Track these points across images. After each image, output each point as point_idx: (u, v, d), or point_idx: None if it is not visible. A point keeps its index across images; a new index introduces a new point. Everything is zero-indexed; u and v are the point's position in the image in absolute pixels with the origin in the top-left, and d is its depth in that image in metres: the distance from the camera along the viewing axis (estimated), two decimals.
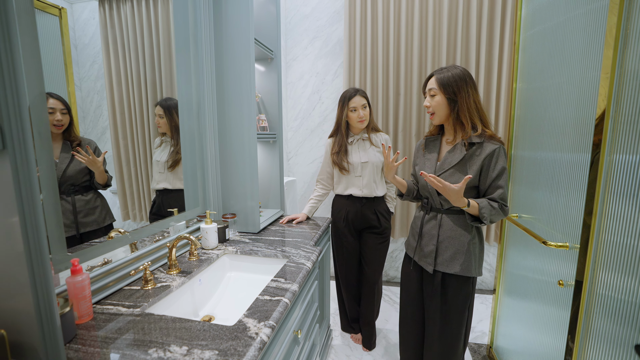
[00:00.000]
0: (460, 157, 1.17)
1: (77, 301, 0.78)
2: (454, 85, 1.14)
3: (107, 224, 1.05)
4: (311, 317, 1.24)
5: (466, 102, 1.15)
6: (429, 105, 1.21)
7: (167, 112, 1.28)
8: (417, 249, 1.32)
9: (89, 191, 0.98)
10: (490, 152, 1.15)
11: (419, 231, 1.32)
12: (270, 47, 1.76)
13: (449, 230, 1.23)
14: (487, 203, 1.16)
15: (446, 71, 1.17)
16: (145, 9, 1.19)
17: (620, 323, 0.89)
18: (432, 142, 1.32)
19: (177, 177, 1.34)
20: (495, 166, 1.15)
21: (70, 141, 0.92)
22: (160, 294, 0.98)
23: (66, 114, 0.90)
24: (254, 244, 1.42)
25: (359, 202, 1.77)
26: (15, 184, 0.54)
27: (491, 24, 2.24)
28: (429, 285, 1.30)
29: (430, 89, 1.20)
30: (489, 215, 1.14)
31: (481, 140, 1.16)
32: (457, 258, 1.22)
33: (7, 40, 0.51)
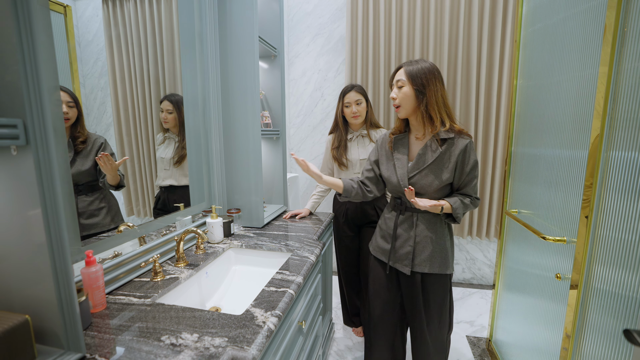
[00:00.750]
0: (436, 156, 1.15)
1: (92, 291, 0.82)
2: (423, 78, 1.12)
3: (115, 226, 1.02)
4: (315, 309, 1.28)
5: (434, 95, 1.13)
6: (395, 97, 1.17)
7: (176, 107, 1.30)
8: (391, 251, 1.27)
9: (94, 192, 0.95)
10: (463, 148, 1.14)
11: (392, 233, 1.27)
12: (274, 44, 1.78)
13: (425, 230, 1.22)
14: (460, 202, 1.17)
15: (415, 63, 1.14)
16: (148, 6, 1.20)
17: (615, 316, 0.92)
18: (400, 141, 1.26)
19: (183, 174, 1.36)
20: (469, 161, 1.16)
21: (74, 137, 0.89)
22: (170, 285, 1.01)
23: (73, 107, 0.88)
24: (258, 238, 1.45)
25: None
26: (38, 178, 0.56)
27: (492, 21, 2.25)
28: (408, 287, 1.27)
29: (398, 80, 1.16)
30: (462, 213, 1.17)
31: (452, 135, 1.15)
32: (434, 257, 1.21)
33: (29, 38, 0.54)
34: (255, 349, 0.70)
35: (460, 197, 1.18)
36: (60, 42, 0.89)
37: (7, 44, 0.52)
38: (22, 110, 0.54)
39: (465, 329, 2.10)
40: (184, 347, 0.70)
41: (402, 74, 1.15)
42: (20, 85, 0.53)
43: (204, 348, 0.70)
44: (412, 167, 1.19)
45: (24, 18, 0.53)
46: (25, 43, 0.53)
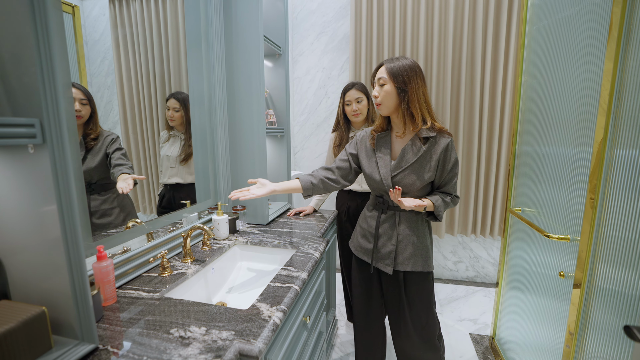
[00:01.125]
0: (419, 155, 1.14)
1: (103, 285, 0.84)
2: (404, 75, 1.10)
3: None
4: (319, 305, 1.30)
5: (416, 93, 1.11)
6: (377, 95, 1.16)
7: (182, 105, 1.31)
8: (374, 250, 1.26)
9: (107, 190, 0.94)
10: (445, 146, 1.14)
11: (374, 232, 1.26)
12: (278, 43, 1.79)
13: (406, 228, 1.21)
14: (442, 200, 1.18)
15: (397, 61, 1.13)
16: (154, 6, 1.21)
17: (618, 315, 0.93)
18: (383, 139, 1.24)
19: (189, 172, 1.38)
20: (450, 159, 1.16)
21: (86, 134, 0.89)
22: (177, 280, 1.04)
23: (86, 104, 0.89)
24: (263, 235, 1.47)
25: (359, 197, 1.82)
26: (54, 175, 0.59)
27: (497, 18, 2.24)
28: (391, 287, 1.27)
29: (379, 78, 1.14)
30: (443, 210, 1.18)
31: (434, 134, 1.14)
32: (417, 255, 1.21)
33: (45, 40, 0.56)
34: (262, 343, 0.72)
35: (442, 196, 1.19)
36: (69, 41, 0.90)
37: (26, 47, 0.54)
38: (39, 110, 0.56)
39: (468, 326, 2.11)
40: (193, 340, 0.72)
41: (383, 71, 1.14)
42: (38, 86, 0.55)
43: (211, 341, 0.72)
44: (395, 165, 1.18)
45: (41, 22, 0.55)
46: (42, 46, 0.55)
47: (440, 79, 2.37)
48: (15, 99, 0.57)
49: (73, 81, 0.89)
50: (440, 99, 2.38)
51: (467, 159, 2.45)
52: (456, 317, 2.21)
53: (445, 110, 2.37)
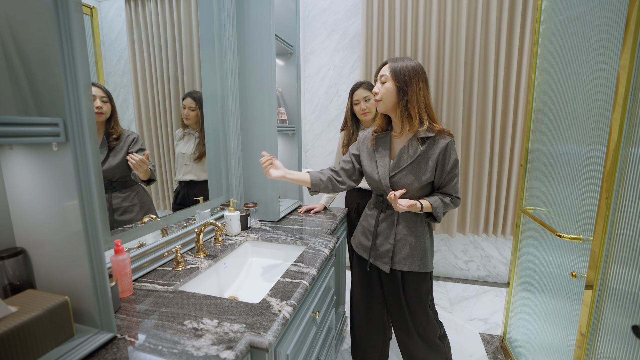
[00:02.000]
0: (417, 155, 1.15)
1: (120, 277, 0.88)
2: (406, 75, 1.12)
3: None
4: (328, 301, 1.31)
5: (416, 94, 1.12)
6: (377, 92, 1.17)
7: (198, 104, 1.34)
8: (372, 248, 1.28)
9: (127, 188, 0.98)
10: (443, 147, 1.14)
11: (373, 230, 1.28)
12: (290, 42, 1.81)
13: (405, 228, 1.22)
14: (440, 201, 1.17)
15: (401, 60, 1.14)
16: (168, 6, 1.24)
17: (631, 316, 0.91)
18: (383, 139, 1.26)
19: (203, 169, 1.41)
20: (449, 160, 1.15)
21: (108, 134, 0.93)
22: (190, 274, 1.07)
23: (107, 102, 0.92)
24: (274, 231, 1.49)
25: (369, 195, 1.80)
26: (76, 171, 0.62)
27: (512, 15, 2.21)
28: (389, 285, 1.28)
29: (382, 76, 1.17)
30: (442, 212, 1.17)
31: (433, 134, 1.14)
32: (414, 255, 1.22)
33: (69, 43, 0.59)
34: (272, 335, 0.74)
35: (441, 197, 1.19)
36: (88, 42, 0.93)
37: (51, 50, 0.57)
38: (62, 110, 0.59)
39: (479, 326, 2.10)
40: (205, 332, 0.75)
41: (386, 69, 1.15)
42: (61, 87, 0.58)
43: (223, 333, 0.74)
44: (393, 166, 1.19)
45: (65, 25, 0.58)
46: (66, 49, 0.58)
47: (452, 77, 2.34)
48: (41, 100, 0.61)
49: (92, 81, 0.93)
50: (452, 97, 2.36)
51: (480, 158, 2.42)
52: (466, 316, 2.20)
53: (457, 108, 2.35)
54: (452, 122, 2.39)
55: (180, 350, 0.68)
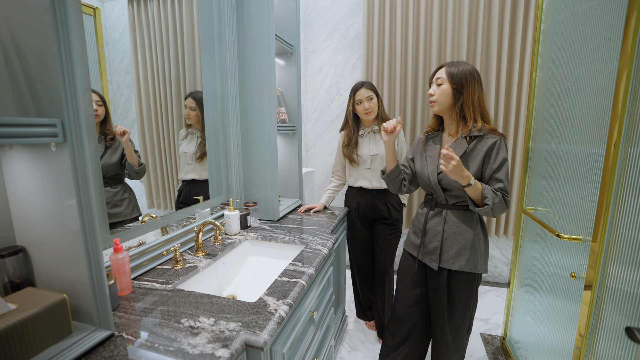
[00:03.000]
0: (463, 151, 1.18)
1: (119, 276, 0.89)
2: (462, 78, 1.17)
3: (134, 216, 1.10)
4: (326, 300, 1.32)
5: (471, 95, 1.17)
6: (433, 94, 1.22)
7: (199, 104, 1.36)
8: (420, 246, 1.31)
9: (117, 184, 1.03)
10: (492, 144, 1.16)
11: (422, 228, 1.30)
12: (290, 42, 1.81)
13: (454, 226, 1.23)
14: (492, 190, 1.13)
15: (457, 65, 1.19)
16: (170, 7, 1.25)
17: (630, 316, 0.91)
18: (433, 139, 1.31)
19: (204, 168, 1.43)
20: (497, 158, 1.16)
21: (104, 134, 0.97)
22: (189, 273, 1.08)
23: (102, 105, 0.95)
24: (273, 230, 1.50)
25: (369, 193, 1.82)
26: (74, 171, 0.63)
27: (514, 14, 2.19)
28: (434, 282, 1.29)
29: (438, 78, 1.21)
30: (492, 198, 1.11)
31: (482, 133, 1.17)
32: (462, 254, 1.21)
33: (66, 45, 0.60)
34: (267, 334, 0.75)
35: (493, 189, 1.15)
36: (90, 42, 0.95)
37: (49, 52, 0.57)
38: (60, 111, 0.60)
39: (479, 326, 2.10)
40: (202, 330, 0.76)
41: (442, 72, 1.21)
42: (59, 89, 0.59)
43: (219, 331, 0.75)
44: None
45: (63, 27, 0.59)
46: (64, 50, 0.59)
47: None
48: (39, 101, 0.62)
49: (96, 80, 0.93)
50: None
51: None
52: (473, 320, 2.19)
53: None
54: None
55: (176, 348, 0.69)
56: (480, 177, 1.18)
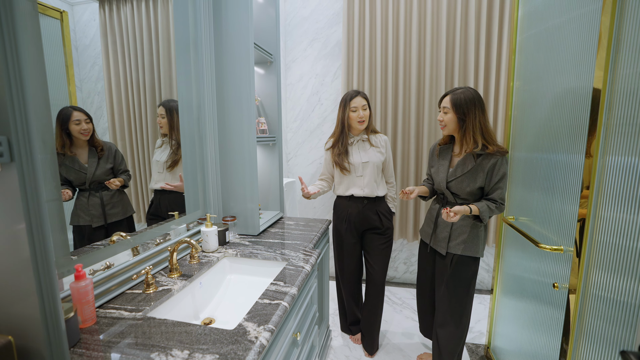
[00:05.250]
0: (470, 168, 1.41)
1: (81, 306, 0.80)
2: (465, 107, 1.36)
3: (129, 215, 1.16)
4: (310, 319, 1.26)
5: (472, 122, 1.37)
6: (442, 120, 1.44)
7: (168, 112, 1.31)
8: (432, 235, 1.57)
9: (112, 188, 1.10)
10: (493, 163, 1.37)
11: (434, 220, 1.56)
12: (270, 50, 1.77)
13: (460, 219, 1.46)
14: (486, 206, 1.39)
15: (460, 93, 1.38)
16: (145, 11, 1.20)
17: (612, 323, 0.91)
18: (445, 151, 1.55)
19: (175, 178, 1.36)
20: (498, 173, 1.38)
21: (95, 147, 1.02)
22: (162, 297, 1.00)
23: (90, 122, 0.99)
24: (253, 246, 1.44)
25: (361, 202, 1.78)
26: (22, 193, 0.55)
27: (489, 26, 2.25)
28: (441, 264, 1.55)
29: (444, 107, 1.43)
30: (487, 215, 1.39)
31: (485, 152, 1.38)
32: (467, 242, 1.46)
33: (14, 55, 0.53)
34: None
35: (487, 203, 1.40)
36: (56, 47, 0.90)
37: None
38: (6, 128, 0.53)
39: None
40: None
41: (447, 101, 1.41)
42: (5, 103, 0.52)
43: None
44: (451, 174, 1.47)
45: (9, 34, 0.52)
46: (10, 59, 0.52)
47: (433, 85, 2.37)
48: None
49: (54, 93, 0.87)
50: (433, 105, 2.38)
51: None
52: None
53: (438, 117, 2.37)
54: (433, 129, 2.40)
55: None
56: (483, 186, 1.42)
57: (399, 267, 2.79)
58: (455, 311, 1.53)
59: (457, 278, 1.50)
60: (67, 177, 0.95)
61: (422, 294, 1.75)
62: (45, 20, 0.87)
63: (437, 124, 2.36)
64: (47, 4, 0.88)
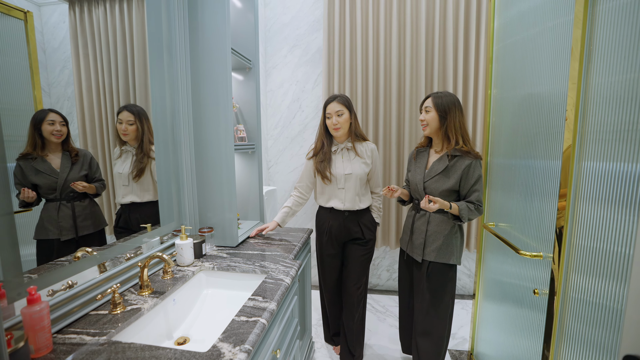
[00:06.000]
0: (444, 167, 1.45)
1: (34, 333, 0.73)
2: (446, 106, 1.43)
3: (102, 227, 1.10)
4: (291, 333, 1.21)
5: (453, 121, 1.43)
6: (423, 119, 1.49)
7: (137, 118, 1.22)
8: (409, 242, 1.58)
9: (85, 198, 1.03)
10: (468, 164, 1.41)
11: (410, 227, 1.57)
12: (249, 56, 1.73)
13: (435, 226, 1.48)
14: (466, 205, 1.42)
15: (441, 94, 1.46)
16: (118, 14, 1.15)
17: (592, 325, 0.92)
18: (422, 153, 1.59)
19: (144, 188, 1.27)
20: (473, 175, 1.42)
21: (69, 151, 0.97)
22: (130, 317, 0.93)
23: (65, 125, 0.95)
24: (231, 258, 1.38)
25: (342, 215, 1.71)
26: None
27: (467, 34, 2.30)
28: (417, 272, 1.56)
29: (426, 107, 1.48)
30: (467, 214, 1.41)
31: (461, 153, 1.42)
32: (441, 249, 1.47)
33: None
34: None
35: (467, 203, 1.42)
36: (19, 49, 0.85)
37: None
38: None
39: None
40: None
41: (429, 101, 1.48)
42: None
43: None
44: (427, 174, 1.51)
45: None
46: None
47: (413, 92, 2.39)
48: None
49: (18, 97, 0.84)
50: (414, 111, 2.40)
51: None
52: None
53: (418, 124, 2.39)
54: (414, 135, 2.42)
55: None
56: (458, 188, 1.45)
57: (382, 275, 2.78)
58: (433, 320, 1.52)
59: (433, 286, 1.50)
60: (35, 182, 0.88)
61: (403, 304, 1.74)
62: (8, 20, 0.83)
63: (418, 130, 2.39)
64: (11, 3, 0.83)
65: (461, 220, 1.42)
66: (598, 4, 0.92)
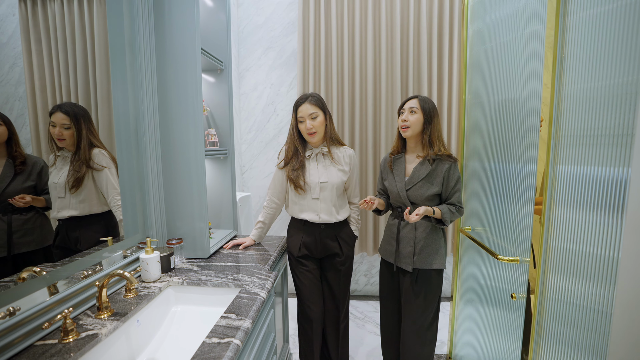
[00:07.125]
0: (427, 172, 1.42)
1: None
2: (432, 110, 1.42)
3: (48, 244, 0.99)
4: (267, 351, 1.15)
5: (436, 126, 1.42)
6: (407, 120, 1.43)
7: (74, 120, 1.06)
8: (396, 252, 1.49)
9: (29, 211, 0.93)
10: (448, 167, 1.41)
11: (396, 237, 1.49)
12: (220, 57, 1.65)
13: (423, 232, 1.45)
14: (448, 209, 1.41)
15: (426, 99, 1.44)
16: (77, 7, 1.05)
17: (570, 324, 0.93)
18: (398, 160, 1.52)
19: (83, 200, 1.10)
20: (453, 177, 1.42)
21: (13, 158, 0.88)
22: (85, 346, 0.83)
23: (2, 125, 0.85)
24: (202, 272, 1.29)
25: (317, 228, 1.55)
26: None
27: (440, 39, 2.33)
28: (406, 281, 1.49)
29: (411, 107, 1.42)
30: (449, 217, 1.40)
31: (441, 158, 1.42)
32: (431, 255, 1.45)
33: None
34: None
35: (448, 206, 1.42)
36: None
37: None
38: None
39: None
40: None
41: (415, 103, 1.43)
42: None
43: None
44: (408, 181, 1.45)
45: None
46: None
47: (389, 96, 2.39)
48: None
49: None
50: (389, 116, 2.40)
51: None
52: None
53: (394, 128, 2.39)
54: (390, 140, 2.42)
55: None
56: (441, 191, 1.43)
57: (359, 280, 2.75)
58: (422, 329, 1.48)
59: (424, 294, 1.45)
60: None
61: (388, 318, 1.62)
62: None
63: (392, 133, 2.39)
64: None
65: (444, 224, 1.41)
66: (569, 15, 0.93)
